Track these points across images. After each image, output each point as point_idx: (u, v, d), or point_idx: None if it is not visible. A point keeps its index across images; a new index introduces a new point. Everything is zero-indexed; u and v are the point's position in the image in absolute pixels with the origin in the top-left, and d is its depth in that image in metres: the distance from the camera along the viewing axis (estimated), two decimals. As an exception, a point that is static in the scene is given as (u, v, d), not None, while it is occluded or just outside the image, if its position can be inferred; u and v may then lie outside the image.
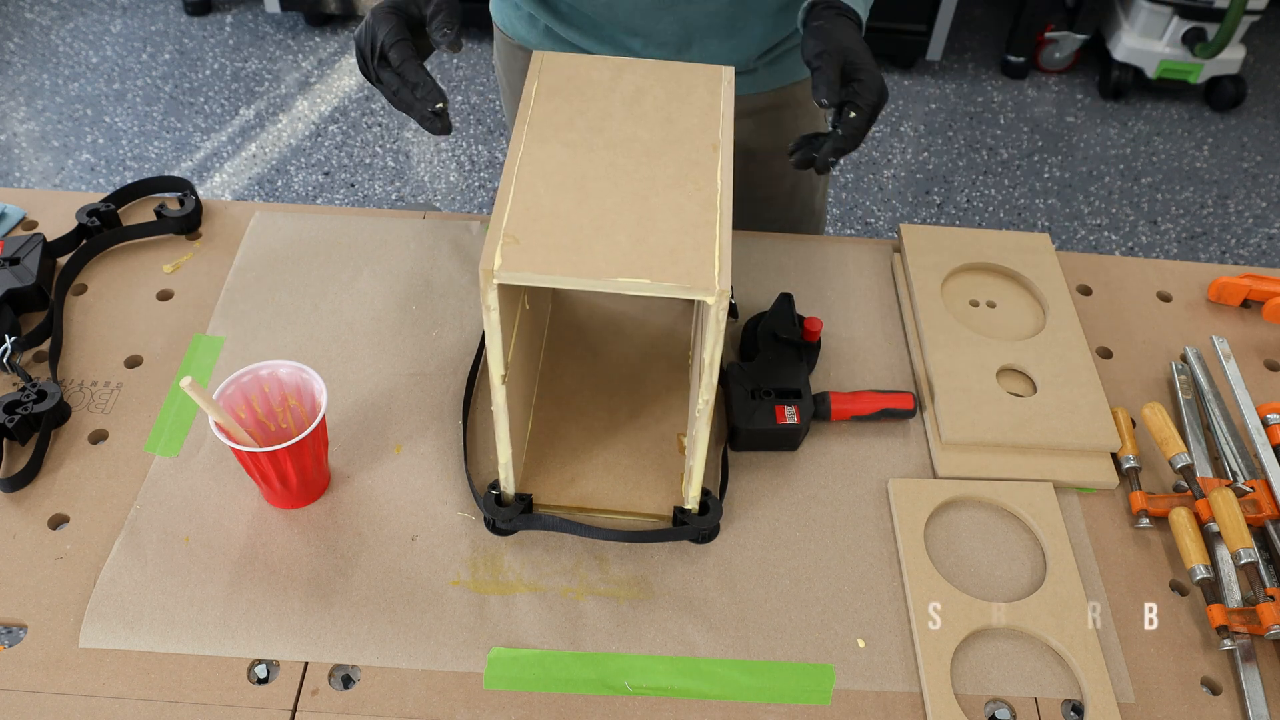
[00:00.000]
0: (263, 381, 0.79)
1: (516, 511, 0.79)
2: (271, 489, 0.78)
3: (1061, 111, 2.76)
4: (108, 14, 2.85)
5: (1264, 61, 2.98)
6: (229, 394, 0.77)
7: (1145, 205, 2.49)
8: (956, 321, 0.95)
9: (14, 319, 0.92)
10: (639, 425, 0.87)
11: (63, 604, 0.75)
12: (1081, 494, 0.86)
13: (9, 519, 0.79)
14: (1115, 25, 2.75)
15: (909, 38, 2.76)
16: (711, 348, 0.65)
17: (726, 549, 0.80)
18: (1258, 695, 0.73)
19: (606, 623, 0.75)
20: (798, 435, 0.86)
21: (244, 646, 0.73)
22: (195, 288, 0.98)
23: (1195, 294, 1.05)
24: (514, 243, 0.62)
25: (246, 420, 0.79)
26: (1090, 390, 0.90)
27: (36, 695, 0.70)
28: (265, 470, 0.75)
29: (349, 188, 2.39)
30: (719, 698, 0.72)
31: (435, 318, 0.96)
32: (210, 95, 2.61)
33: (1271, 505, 0.83)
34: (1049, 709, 0.73)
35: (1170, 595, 0.80)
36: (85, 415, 0.87)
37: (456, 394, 0.90)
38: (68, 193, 1.08)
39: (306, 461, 0.76)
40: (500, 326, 0.65)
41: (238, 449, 0.73)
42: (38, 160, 2.40)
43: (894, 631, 0.76)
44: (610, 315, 0.96)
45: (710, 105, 0.75)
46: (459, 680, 0.72)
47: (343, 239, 1.03)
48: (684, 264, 0.62)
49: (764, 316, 0.93)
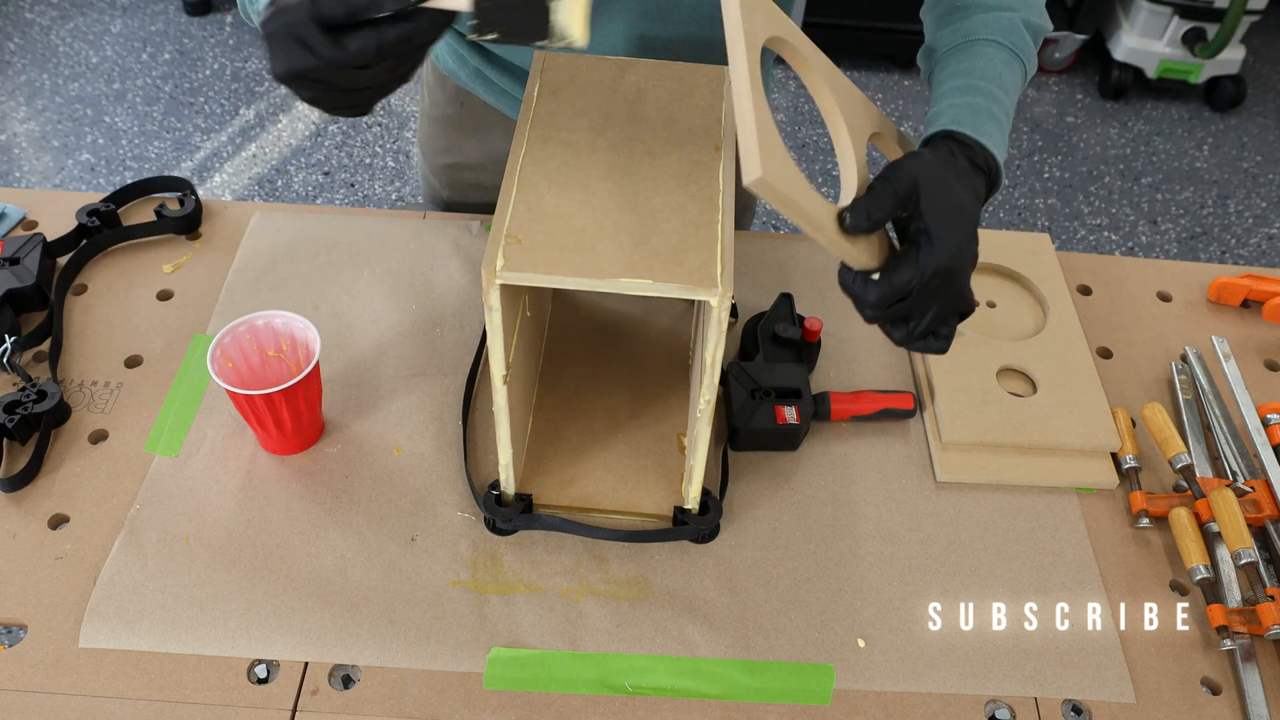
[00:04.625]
0: (258, 331, 0.83)
1: (516, 511, 0.79)
2: (267, 433, 0.82)
3: (1061, 111, 2.76)
4: (108, 14, 2.85)
5: (1264, 61, 2.98)
6: (226, 343, 0.81)
7: (1145, 205, 2.49)
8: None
9: (14, 319, 0.91)
10: (639, 425, 0.87)
11: (63, 604, 0.75)
12: (1081, 494, 0.86)
13: (9, 519, 0.79)
14: (1115, 25, 2.75)
15: (909, 38, 2.76)
16: (713, 348, 0.65)
17: (726, 549, 0.80)
18: (1258, 695, 0.73)
19: (606, 623, 0.75)
20: (798, 435, 0.86)
21: (244, 646, 0.73)
22: (195, 288, 0.98)
23: (1195, 294, 1.05)
24: (516, 243, 0.62)
25: (242, 367, 0.83)
26: (1090, 390, 0.90)
27: (36, 695, 0.70)
28: (261, 414, 0.78)
29: (349, 188, 2.39)
30: (719, 698, 0.72)
31: (435, 318, 0.96)
32: (210, 95, 2.61)
33: (1271, 505, 0.83)
34: (1049, 709, 0.73)
35: (1170, 595, 0.80)
36: (85, 415, 0.87)
37: (456, 394, 0.89)
38: (68, 193, 1.08)
39: (300, 406, 0.80)
40: (502, 327, 0.65)
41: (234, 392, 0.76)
42: (38, 160, 2.40)
43: (894, 631, 0.76)
44: (611, 315, 0.96)
45: (712, 105, 0.75)
46: (459, 680, 0.72)
47: (343, 239, 1.03)
48: (686, 264, 0.62)
49: (764, 316, 0.93)
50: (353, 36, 0.57)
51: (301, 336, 0.83)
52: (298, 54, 0.57)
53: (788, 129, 2.64)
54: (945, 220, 0.62)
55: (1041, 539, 0.82)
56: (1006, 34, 0.75)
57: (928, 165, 0.64)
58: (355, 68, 0.58)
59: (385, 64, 0.59)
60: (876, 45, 2.81)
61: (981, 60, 0.74)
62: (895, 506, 0.84)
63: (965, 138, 0.69)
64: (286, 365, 0.85)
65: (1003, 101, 0.72)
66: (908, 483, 0.86)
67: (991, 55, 0.74)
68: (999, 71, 0.73)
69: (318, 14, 0.56)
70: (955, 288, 0.65)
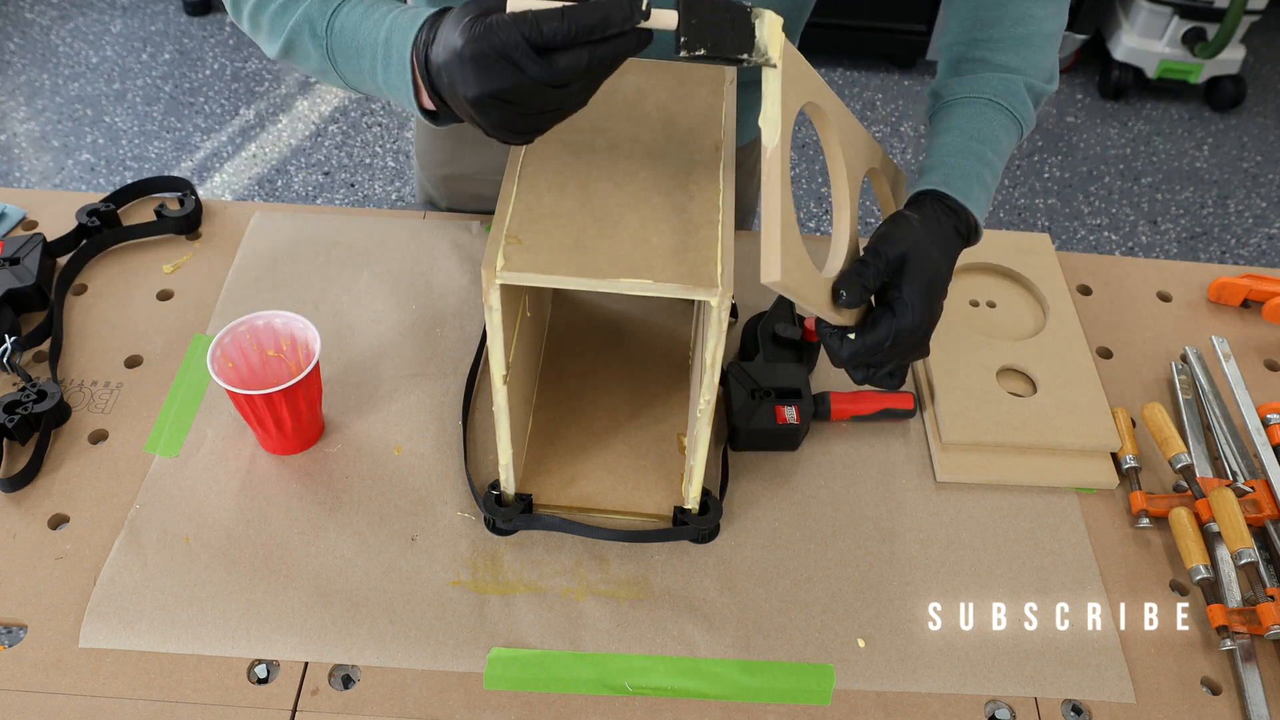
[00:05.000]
0: (258, 331, 0.83)
1: (516, 511, 0.79)
2: (267, 433, 0.82)
3: (1061, 111, 2.76)
4: (108, 14, 2.85)
5: (1264, 61, 2.98)
6: (226, 343, 0.81)
7: (1145, 205, 2.49)
8: (957, 321, 0.95)
9: (14, 319, 0.91)
10: (639, 425, 0.87)
11: (63, 604, 0.75)
12: (1081, 494, 0.86)
13: (9, 519, 0.79)
14: (1115, 25, 2.75)
15: (909, 37, 2.76)
16: (713, 348, 0.65)
17: (726, 549, 0.80)
18: (1258, 695, 0.73)
19: (606, 623, 0.75)
20: (798, 435, 0.86)
21: (244, 646, 0.73)
22: (195, 288, 0.98)
23: (1195, 294, 1.05)
24: (517, 243, 0.62)
25: (242, 367, 0.83)
26: (1090, 390, 0.90)
27: (36, 695, 0.70)
28: (261, 414, 0.78)
29: (349, 188, 2.39)
30: (719, 698, 0.72)
31: (435, 318, 0.96)
32: (210, 95, 2.61)
33: (1271, 505, 0.83)
34: (1049, 709, 0.73)
35: (1170, 595, 0.80)
36: (85, 415, 0.87)
37: (456, 394, 0.89)
38: (68, 193, 1.08)
39: (300, 406, 0.80)
40: (502, 327, 0.65)
41: (234, 392, 0.76)
42: (38, 160, 2.40)
43: (894, 631, 0.76)
44: (611, 315, 0.96)
45: (712, 105, 0.75)
46: (459, 680, 0.72)
47: (343, 239, 1.03)
48: (686, 264, 0.62)
49: (764, 316, 0.93)
50: (563, 54, 0.56)
51: (301, 336, 0.83)
52: (504, 74, 0.57)
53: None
54: (922, 294, 0.69)
55: (1041, 539, 0.82)
56: (1009, 97, 0.79)
57: (916, 238, 0.70)
58: (555, 86, 0.57)
59: (583, 83, 0.59)
60: (876, 45, 2.81)
61: (980, 120, 0.78)
62: (895, 506, 0.84)
63: (953, 202, 0.74)
64: (286, 365, 0.85)
65: (993, 165, 0.77)
66: (908, 483, 0.86)
67: (990, 117, 0.78)
68: (995, 134, 0.78)
69: (538, 36, 0.55)
70: (918, 345, 0.71)
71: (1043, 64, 0.81)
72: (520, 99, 0.58)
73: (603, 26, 0.55)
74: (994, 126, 0.78)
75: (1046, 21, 0.80)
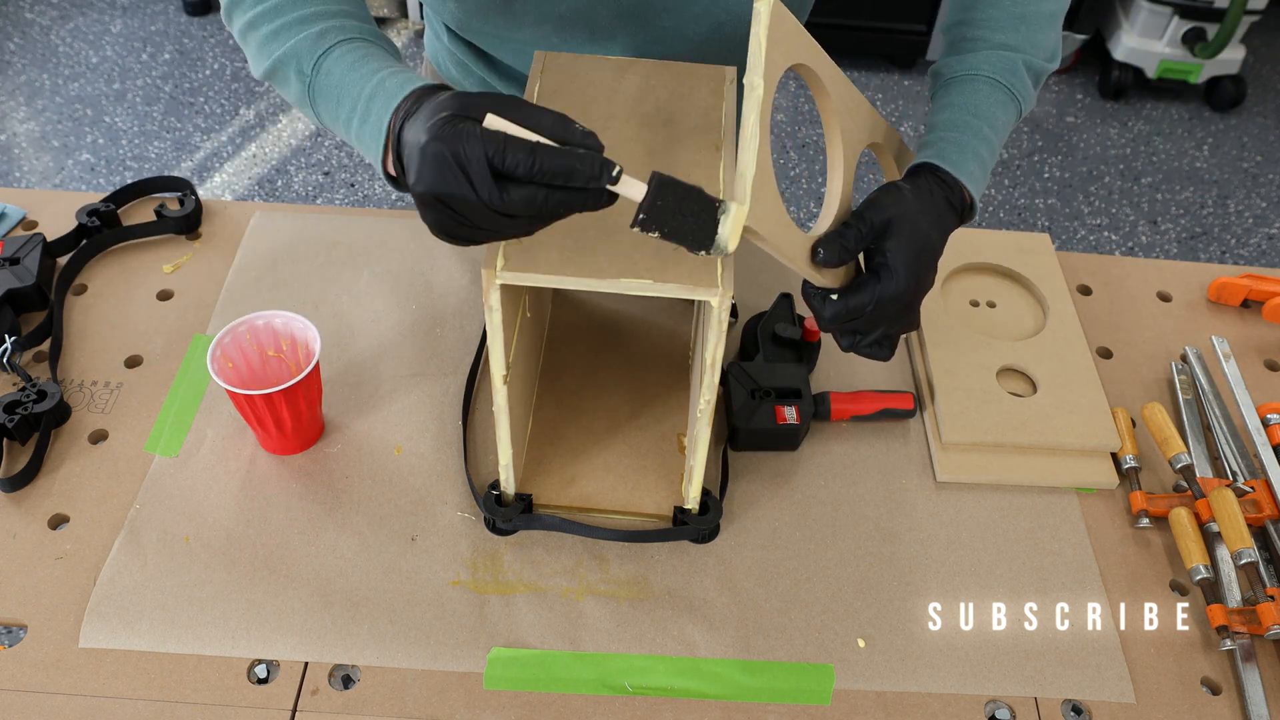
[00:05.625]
0: (258, 331, 0.83)
1: (516, 511, 0.79)
2: (267, 433, 0.82)
3: (1061, 111, 2.76)
4: (108, 14, 2.85)
5: (1264, 61, 2.98)
6: (226, 343, 0.81)
7: (1145, 205, 2.49)
8: (956, 321, 0.95)
9: (14, 319, 0.91)
10: (639, 425, 0.87)
11: (63, 604, 0.75)
12: (1081, 494, 0.86)
13: (9, 519, 0.79)
14: (1115, 25, 2.75)
15: (909, 37, 2.76)
16: (713, 348, 0.65)
17: (726, 549, 0.80)
18: (1258, 695, 0.73)
19: (606, 623, 0.75)
20: (798, 435, 0.86)
21: (244, 646, 0.73)
22: (195, 288, 0.98)
23: (1195, 294, 1.05)
24: (516, 243, 0.62)
25: (242, 367, 0.83)
26: (1090, 390, 0.90)
27: (36, 695, 0.70)
28: (261, 414, 0.78)
29: (349, 188, 2.39)
30: (719, 698, 0.72)
31: (435, 318, 0.96)
32: (210, 95, 2.61)
33: (1271, 505, 0.83)
34: (1049, 709, 0.73)
35: (1170, 595, 0.80)
36: (85, 415, 0.87)
37: (456, 394, 0.89)
38: (68, 193, 1.08)
39: (300, 406, 0.80)
40: (502, 327, 0.65)
41: (234, 392, 0.77)
42: (38, 160, 2.40)
43: (894, 631, 0.76)
44: (611, 315, 0.96)
45: (712, 105, 0.75)
46: (459, 680, 0.72)
47: (343, 239, 1.03)
48: (686, 264, 0.62)
49: (764, 316, 0.93)
50: (519, 188, 0.55)
51: (301, 336, 0.83)
52: (454, 182, 0.55)
53: (788, 128, 2.64)
54: (908, 261, 0.69)
55: (1041, 539, 0.82)
56: (1007, 74, 0.79)
57: (904, 205, 0.70)
58: (502, 214, 0.56)
59: (529, 219, 0.57)
60: (876, 45, 2.81)
61: (978, 97, 0.78)
62: (895, 506, 0.84)
63: (947, 175, 0.74)
64: (286, 365, 0.85)
65: (990, 141, 0.77)
66: (908, 483, 0.86)
67: (988, 93, 0.78)
68: (993, 111, 0.78)
69: (500, 161, 0.54)
70: (904, 313, 0.71)
71: (1042, 42, 0.81)
72: (463, 210, 0.56)
73: (566, 176, 0.54)
74: (991, 103, 0.78)
75: (1046, 1, 0.81)
